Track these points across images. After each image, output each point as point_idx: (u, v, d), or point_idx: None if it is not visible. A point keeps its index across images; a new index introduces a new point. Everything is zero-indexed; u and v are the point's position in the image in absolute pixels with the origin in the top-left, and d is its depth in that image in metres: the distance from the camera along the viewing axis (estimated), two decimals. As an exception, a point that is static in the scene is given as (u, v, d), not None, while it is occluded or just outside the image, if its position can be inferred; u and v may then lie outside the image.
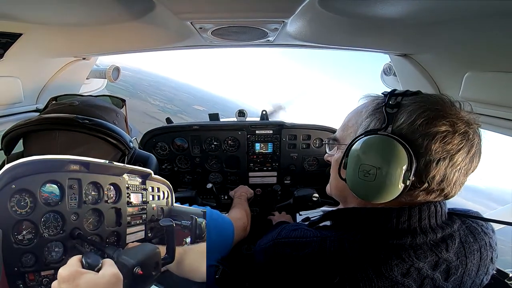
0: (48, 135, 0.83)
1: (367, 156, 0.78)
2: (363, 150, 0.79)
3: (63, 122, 0.82)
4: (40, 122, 0.82)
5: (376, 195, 0.77)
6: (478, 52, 1.18)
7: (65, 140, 0.83)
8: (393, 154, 0.74)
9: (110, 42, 1.55)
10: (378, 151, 0.76)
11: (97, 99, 1.01)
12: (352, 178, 0.81)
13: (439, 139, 0.72)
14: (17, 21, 1.14)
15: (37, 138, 0.84)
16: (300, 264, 0.81)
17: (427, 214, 0.79)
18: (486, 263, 0.87)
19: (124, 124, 1.03)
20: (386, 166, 0.74)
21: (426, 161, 0.73)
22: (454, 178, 0.75)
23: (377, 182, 0.76)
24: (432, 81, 1.51)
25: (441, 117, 0.73)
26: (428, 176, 0.74)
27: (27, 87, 1.51)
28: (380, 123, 0.81)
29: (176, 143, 2.21)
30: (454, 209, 0.91)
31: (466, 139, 0.73)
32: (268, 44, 1.62)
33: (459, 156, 0.73)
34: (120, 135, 0.88)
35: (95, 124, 0.84)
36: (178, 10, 1.07)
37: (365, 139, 0.79)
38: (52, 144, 0.82)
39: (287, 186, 2.33)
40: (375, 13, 1.05)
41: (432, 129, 0.72)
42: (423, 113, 0.74)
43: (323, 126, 2.23)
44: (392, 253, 0.76)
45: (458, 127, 0.73)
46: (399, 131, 0.76)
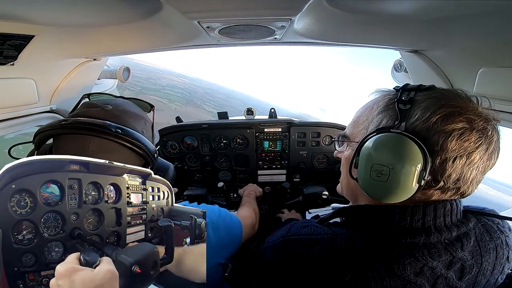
0: (81, 139, 0.86)
1: (379, 155, 0.75)
2: (375, 148, 0.76)
3: (97, 129, 0.84)
4: (76, 127, 0.85)
5: (390, 196, 0.75)
6: (493, 47, 1.13)
7: (96, 145, 0.85)
8: (407, 153, 0.71)
9: (119, 42, 1.57)
10: (391, 150, 0.73)
11: (128, 104, 1.03)
12: (364, 178, 0.78)
13: (456, 136, 0.69)
14: (29, 23, 1.16)
15: (68, 140, 0.87)
16: (310, 262, 0.79)
17: (442, 213, 0.77)
18: (502, 262, 0.84)
19: (150, 132, 1.05)
20: (400, 166, 0.71)
21: (442, 160, 0.70)
22: (471, 176, 0.72)
23: (391, 183, 0.73)
24: (445, 77, 1.46)
25: (457, 113, 0.70)
26: (444, 175, 0.72)
27: (41, 88, 1.54)
28: (392, 120, 0.78)
29: (186, 142, 2.23)
30: (469, 207, 0.88)
31: (484, 136, 0.70)
32: (275, 42, 1.60)
33: (477, 154, 0.70)
34: (148, 147, 0.92)
35: (126, 135, 0.87)
36: (186, 10, 1.07)
37: (377, 137, 0.76)
38: (83, 148, 0.85)
39: (297, 184, 2.33)
40: (384, 9, 1.02)
41: (449, 126, 0.69)
42: (439, 109, 0.71)
43: (333, 124, 2.21)
44: (405, 251, 0.74)
45: (476, 123, 0.69)
46: (413, 129, 0.73)
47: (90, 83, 2.00)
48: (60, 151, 0.87)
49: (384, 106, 0.82)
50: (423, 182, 0.71)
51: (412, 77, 1.78)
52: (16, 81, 1.40)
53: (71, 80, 1.74)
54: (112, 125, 0.86)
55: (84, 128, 0.84)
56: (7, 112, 1.39)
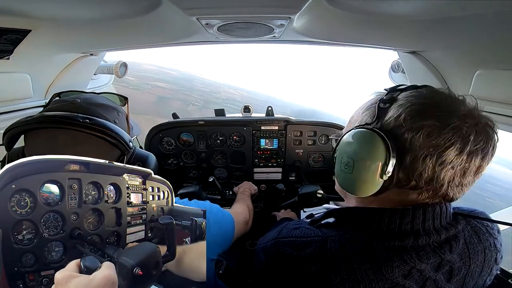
0: (49, 133, 0.84)
1: (348, 149, 0.79)
2: (346, 142, 0.81)
3: (64, 121, 0.82)
4: (41, 120, 0.83)
5: (354, 188, 0.79)
6: (490, 49, 1.14)
7: (65, 138, 0.83)
8: (369, 148, 0.74)
9: (117, 38, 1.56)
10: (357, 144, 0.77)
11: (99, 97, 1.02)
12: (337, 170, 0.84)
13: (424, 134, 0.69)
14: (26, 18, 1.15)
15: (38, 136, 0.85)
16: (301, 264, 0.80)
17: (431, 215, 0.77)
18: (490, 264, 0.86)
19: (125, 123, 1.03)
20: (362, 159, 0.76)
21: (411, 157, 0.71)
22: (445, 178, 0.71)
23: (354, 175, 0.77)
24: (442, 79, 1.48)
25: (427, 110, 0.71)
26: (415, 174, 0.72)
27: (36, 83, 1.54)
28: (371, 118, 0.80)
29: (182, 138, 2.22)
30: (459, 208, 0.88)
31: (457, 135, 0.67)
32: (274, 40, 1.60)
33: (449, 153, 0.68)
34: (120, 134, 0.89)
35: (95, 124, 0.84)
36: (185, 6, 1.07)
37: (350, 133, 0.80)
38: (53, 143, 0.83)
39: (292, 182, 2.34)
40: (383, 10, 1.03)
41: (417, 123, 0.70)
42: (410, 106, 0.72)
43: (329, 123, 2.21)
44: (393, 254, 0.75)
45: (448, 121, 0.68)
46: (386, 126, 0.75)
47: (87, 78, 1.98)
48: (30, 147, 0.86)
49: (369, 105, 0.84)
50: (385, 177, 0.73)
51: (409, 78, 1.79)
52: (11, 75, 1.39)
53: (67, 75, 1.73)
54: (79, 116, 0.84)
55: (51, 121, 0.83)
56: (1, 106, 1.38)
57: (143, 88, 38.87)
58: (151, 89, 39.81)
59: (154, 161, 1.02)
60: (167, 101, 37.20)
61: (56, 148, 0.82)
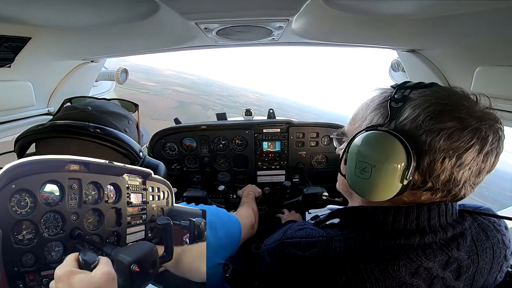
0: (60, 142, 0.85)
1: (363, 152, 0.75)
2: (360, 146, 0.76)
3: (75, 131, 0.83)
4: (52, 130, 0.84)
5: (372, 193, 0.74)
6: (490, 46, 1.14)
7: (76, 148, 0.84)
8: (389, 152, 0.70)
9: (116, 44, 1.57)
10: (375, 148, 0.73)
11: (110, 104, 1.02)
12: (350, 174, 0.78)
13: (445, 136, 0.67)
14: (25, 25, 1.16)
15: (49, 144, 0.86)
16: (306, 265, 0.79)
17: (437, 213, 0.76)
18: (500, 261, 0.84)
19: (135, 131, 1.04)
20: (381, 164, 0.71)
21: (430, 160, 0.69)
22: (462, 178, 0.70)
23: (372, 180, 0.72)
24: (442, 77, 1.48)
25: (448, 112, 0.69)
26: (433, 176, 0.70)
27: (38, 91, 1.54)
28: (383, 118, 0.77)
29: (185, 143, 2.22)
30: (465, 205, 0.87)
31: (477, 136, 0.67)
32: (273, 43, 1.61)
33: (469, 155, 0.67)
34: (130, 145, 0.89)
35: (106, 134, 0.85)
36: (183, 11, 1.07)
37: (364, 135, 0.76)
38: (63, 152, 0.83)
39: (296, 184, 2.32)
40: (381, 9, 1.02)
41: (437, 125, 0.68)
42: (428, 107, 0.70)
43: (332, 124, 2.21)
44: (399, 252, 0.74)
45: (468, 123, 0.67)
46: (401, 127, 0.72)
47: (88, 85, 1.99)
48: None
49: (378, 104, 0.81)
50: (406, 182, 0.70)
51: (409, 77, 1.79)
52: (13, 83, 1.39)
53: (69, 82, 1.74)
54: (90, 125, 0.85)
55: (62, 130, 0.83)
56: (4, 115, 1.38)
57: (163, 94, 38.96)
58: (171, 94, 39.96)
59: (163, 170, 1.02)
60: (187, 106, 37.34)
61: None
